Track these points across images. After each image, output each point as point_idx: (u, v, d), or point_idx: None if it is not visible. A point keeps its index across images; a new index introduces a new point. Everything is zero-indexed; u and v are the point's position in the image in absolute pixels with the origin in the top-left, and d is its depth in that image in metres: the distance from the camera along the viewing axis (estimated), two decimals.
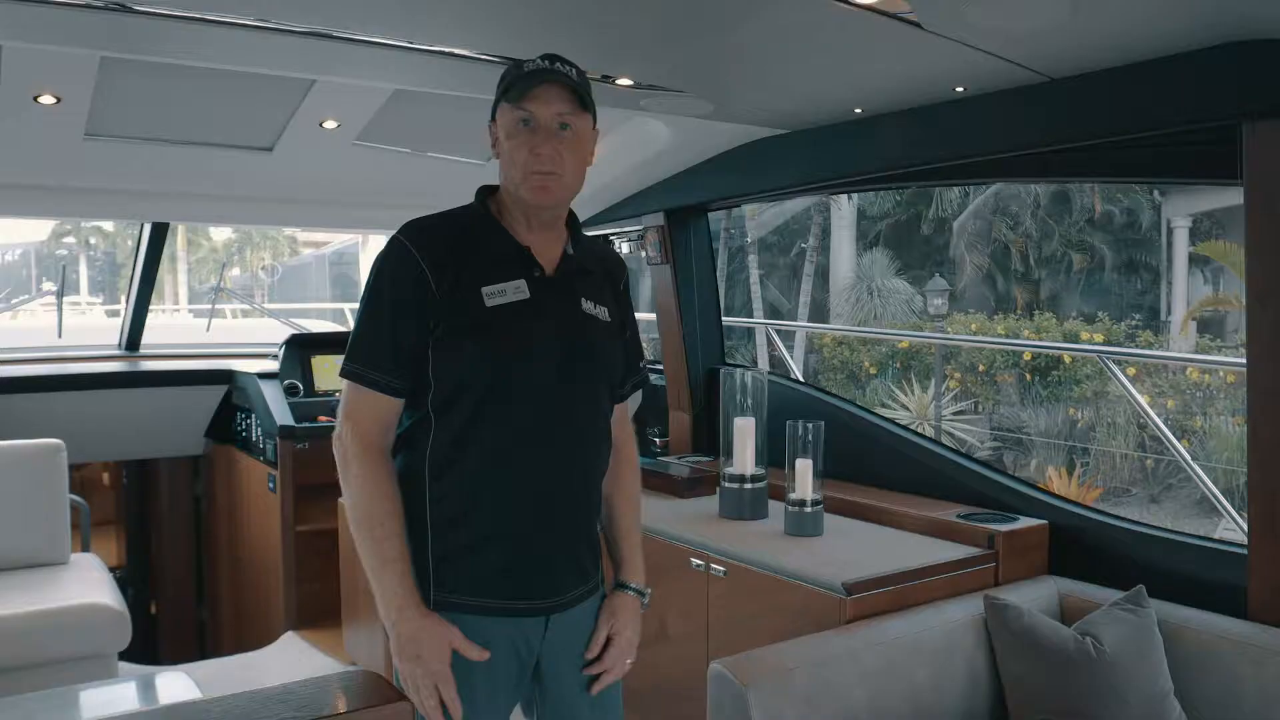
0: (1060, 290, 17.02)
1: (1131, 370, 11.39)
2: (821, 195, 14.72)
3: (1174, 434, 10.71)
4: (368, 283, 1.78)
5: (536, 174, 1.71)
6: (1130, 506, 11.01)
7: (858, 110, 3.05)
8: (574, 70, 1.74)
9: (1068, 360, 12.28)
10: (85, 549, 4.07)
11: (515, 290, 1.75)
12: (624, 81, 2.86)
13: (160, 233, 4.62)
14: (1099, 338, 11.98)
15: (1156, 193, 16.27)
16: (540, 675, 1.86)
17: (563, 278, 1.82)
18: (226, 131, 3.61)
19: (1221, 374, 10.38)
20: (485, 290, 1.73)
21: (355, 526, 1.73)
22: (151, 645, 5.20)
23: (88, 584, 3.48)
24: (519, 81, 1.71)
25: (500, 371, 1.73)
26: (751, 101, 3.06)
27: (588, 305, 1.84)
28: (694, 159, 3.75)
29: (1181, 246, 15.92)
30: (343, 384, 1.78)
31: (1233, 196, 14.65)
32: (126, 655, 3.53)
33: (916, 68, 2.60)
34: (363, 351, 1.73)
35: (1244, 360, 2.42)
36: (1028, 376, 12.92)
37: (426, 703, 1.68)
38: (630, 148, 3.77)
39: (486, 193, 1.84)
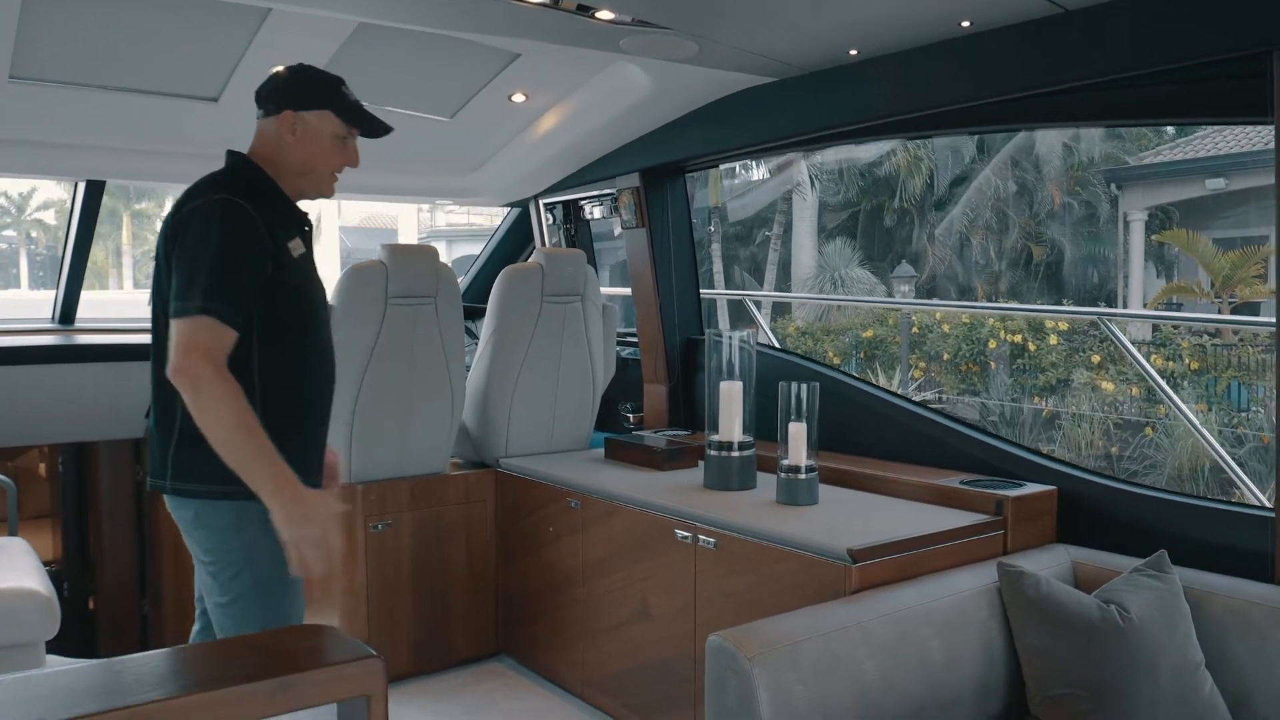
0: (1020, 282, 17.06)
1: (1096, 358, 11.41)
2: (808, 150, 14.50)
3: (1139, 422, 10.74)
4: (211, 236, 2.01)
5: (337, 177, 2.24)
6: None
7: (853, 52, 2.86)
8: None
9: (1032, 348, 12.28)
10: (13, 533, 3.77)
11: (302, 243, 2.19)
12: (604, 15, 2.63)
13: (96, 193, 4.29)
14: (1064, 325, 11.99)
15: (1114, 185, 16.38)
16: None
17: (307, 234, 2.26)
18: (167, 78, 3.32)
19: (1185, 360, 10.41)
20: (289, 245, 2.13)
21: (233, 432, 1.94)
22: (90, 640, 4.88)
23: (12, 569, 3.19)
24: (357, 113, 2.19)
25: (309, 306, 2.19)
26: (740, 41, 2.85)
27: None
28: (674, 112, 3.53)
29: (1138, 238, 16.04)
30: (184, 322, 1.97)
31: (1187, 190, 14.89)
32: (62, 650, 3.26)
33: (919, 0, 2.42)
34: (222, 294, 1.98)
35: (1271, 320, 2.28)
36: (993, 365, 12.91)
37: (318, 558, 1.91)
38: (605, 101, 3.54)
39: (247, 161, 2.18)
